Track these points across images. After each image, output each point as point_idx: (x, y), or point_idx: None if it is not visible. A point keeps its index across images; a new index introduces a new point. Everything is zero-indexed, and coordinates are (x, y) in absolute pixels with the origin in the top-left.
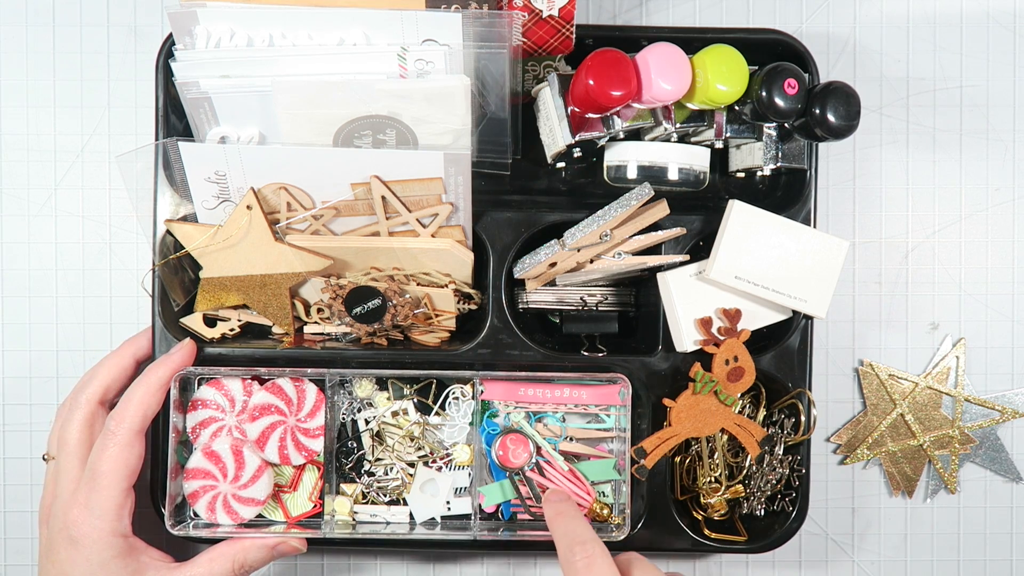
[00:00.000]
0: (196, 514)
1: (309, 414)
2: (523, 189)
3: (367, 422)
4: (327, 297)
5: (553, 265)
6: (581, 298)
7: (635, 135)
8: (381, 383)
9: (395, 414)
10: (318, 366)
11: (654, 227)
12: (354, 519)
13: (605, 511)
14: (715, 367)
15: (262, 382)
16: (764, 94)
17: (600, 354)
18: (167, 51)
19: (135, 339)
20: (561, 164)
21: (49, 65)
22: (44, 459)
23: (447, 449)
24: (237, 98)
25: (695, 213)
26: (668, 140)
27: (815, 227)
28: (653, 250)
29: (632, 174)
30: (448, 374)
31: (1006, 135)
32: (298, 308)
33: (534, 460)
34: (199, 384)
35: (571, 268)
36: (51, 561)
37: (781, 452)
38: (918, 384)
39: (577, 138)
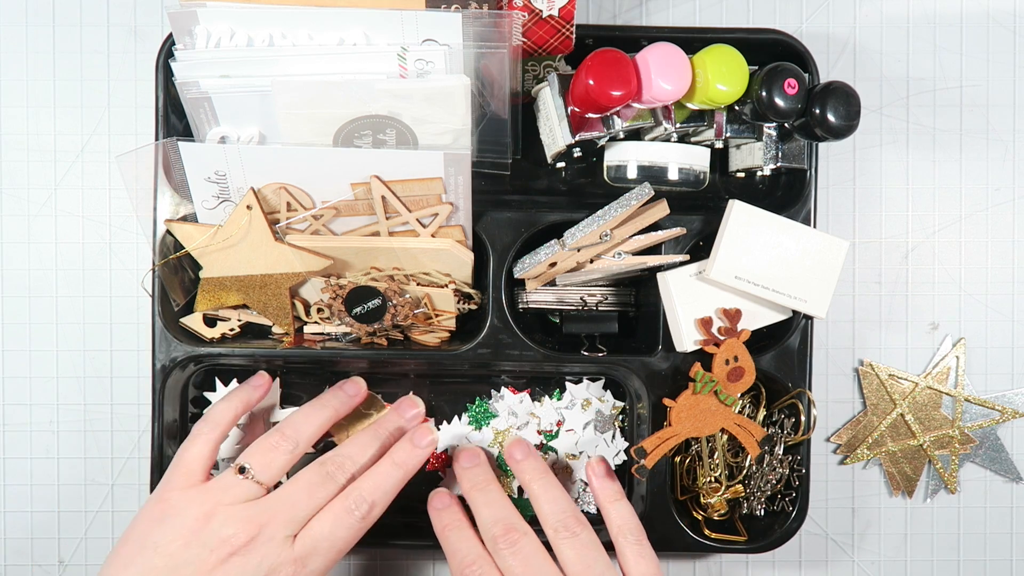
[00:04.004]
0: None
1: None
2: (523, 189)
3: None
4: (327, 297)
5: (553, 265)
6: (581, 298)
7: (635, 135)
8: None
9: None
10: (318, 366)
11: (654, 227)
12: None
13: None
14: (715, 367)
15: None
16: (764, 94)
17: (600, 354)
18: (167, 51)
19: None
20: (561, 164)
21: (49, 65)
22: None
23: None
24: (237, 98)
25: (695, 213)
26: (668, 140)
27: (815, 227)
28: (653, 250)
29: (632, 174)
30: None
31: (1006, 135)
32: (298, 308)
33: None
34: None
35: (571, 268)
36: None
37: (781, 452)
38: (918, 384)
39: (577, 138)
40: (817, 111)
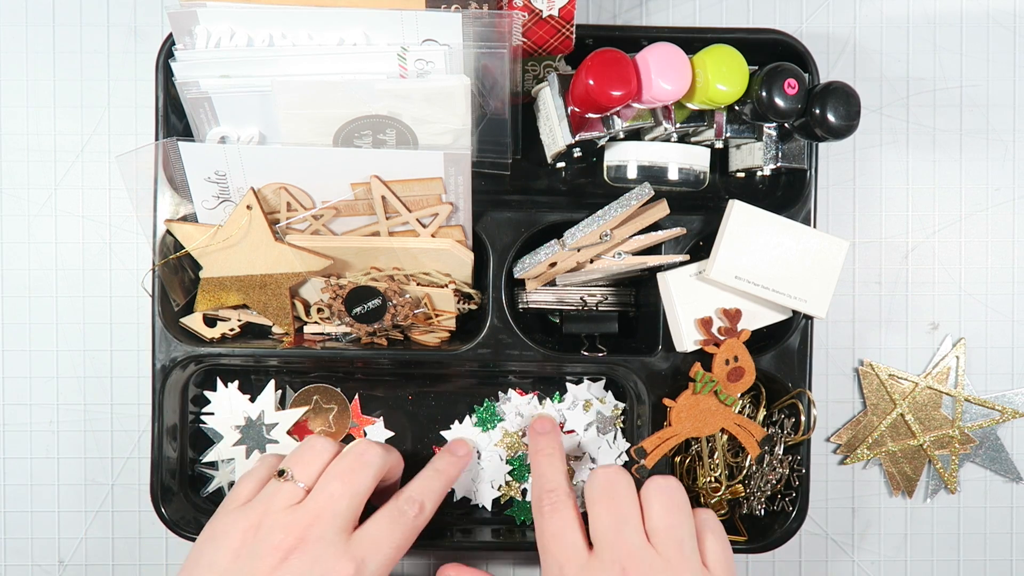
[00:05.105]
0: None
1: None
2: (523, 189)
3: None
4: (327, 297)
5: (553, 265)
6: (581, 298)
7: (635, 135)
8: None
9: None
10: (318, 366)
11: (654, 227)
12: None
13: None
14: (715, 367)
15: None
16: (764, 94)
17: (600, 354)
18: (167, 51)
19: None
20: (561, 164)
21: (49, 65)
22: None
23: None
24: (237, 98)
25: (695, 213)
26: (668, 140)
27: (815, 227)
28: (653, 250)
29: (632, 174)
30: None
31: (1006, 135)
32: (298, 308)
33: None
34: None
35: (571, 268)
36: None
37: (781, 452)
38: (918, 384)
39: (577, 138)
40: (817, 111)
